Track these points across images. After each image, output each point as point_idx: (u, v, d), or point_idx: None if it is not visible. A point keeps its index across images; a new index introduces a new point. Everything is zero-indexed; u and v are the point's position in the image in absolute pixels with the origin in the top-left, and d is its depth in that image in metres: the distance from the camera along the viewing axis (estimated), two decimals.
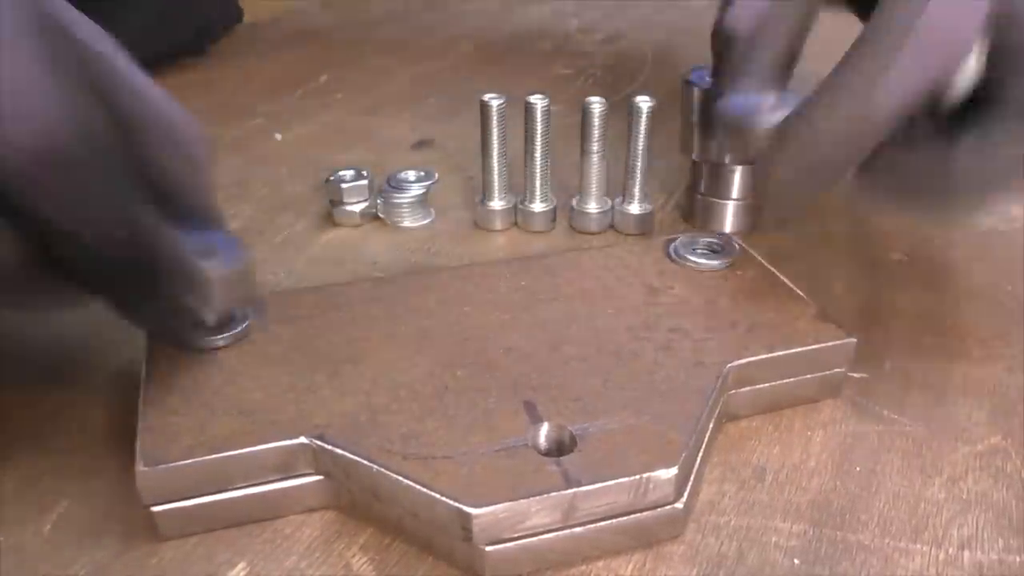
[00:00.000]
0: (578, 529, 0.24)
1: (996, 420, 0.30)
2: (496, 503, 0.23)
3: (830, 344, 0.29)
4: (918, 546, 0.25)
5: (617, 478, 0.23)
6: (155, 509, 0.24)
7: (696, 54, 0.44)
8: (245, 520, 0.25)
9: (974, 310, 0.36)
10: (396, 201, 0.43)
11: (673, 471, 0.24)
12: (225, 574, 0.24)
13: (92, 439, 0.29)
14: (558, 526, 0.23)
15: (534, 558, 0.24)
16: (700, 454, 0.26)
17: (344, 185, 0.42)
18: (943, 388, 0.31)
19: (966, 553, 0.25)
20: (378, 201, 0.43)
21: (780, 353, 0.29)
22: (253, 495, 0.25)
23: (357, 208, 0.43)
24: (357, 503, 0.25)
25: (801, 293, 0.32)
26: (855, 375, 0.32)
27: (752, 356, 0.29)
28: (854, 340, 0.30)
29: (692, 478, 0.25)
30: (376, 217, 0.43)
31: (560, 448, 0.25)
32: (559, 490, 0.23)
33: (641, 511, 0.24)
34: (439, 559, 0.24)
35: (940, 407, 0.30)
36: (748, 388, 0.29)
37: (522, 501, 0.23)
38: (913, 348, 0.34)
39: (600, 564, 0.24)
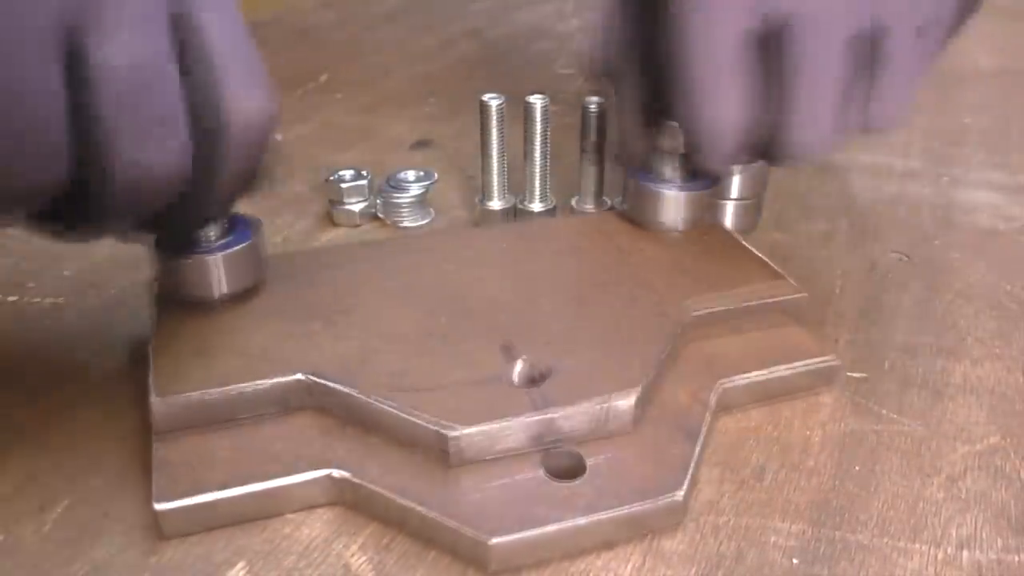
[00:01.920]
0: (580, 520, 0.24)
1: (995, 420, 0.30)
2: (471, 426, 0.25)
3: (783, 298, 0.32)
4: (917, 545, 0.25)
5: (581, 402, 0.26)
6: (159, 508, 0.24)
7: None
8: (248, 517, 0.25)
9: (974, 310, 0.36)
10: (396, 201, 0.43)
11: (633, 397, 0.26)
12: (224, 573, 0.24)
13: (92, 438, 0.29)
14: (529, 448, 0.26)
15: (537, 550, 0.24)
16: (697, 449, 0.26)
17: (344, 185, 0.42)
18: (942, 388, 0.31)
19: (965, 552, 0.25)
20: (378, 201, 0.43)
21: (737, 306, 0.31)
22: (255, 492, 0.25)
23: (357, 208, 0.43)
24: (359, 499, 0.26)
25: (762, 256, 0.34)
26: (855, 375, 0.32)
27: (711, 307, 0.31)
28: (805, 294, 0.32)
29: (691, 469, 0.26)
30: (376, 217, 0.43)
31: (532, 381, 0.28)
32: (528, 413, 0.26)
33: (641, 503, 0.24)
34: (443, 553, 0.24)
35: (939, 407, 0.30)
36: (742, 378, 0.30)
37: (495, 424, 0.25)
38: (913, 348, 0.34)
39: (599, 564, 0.24)
